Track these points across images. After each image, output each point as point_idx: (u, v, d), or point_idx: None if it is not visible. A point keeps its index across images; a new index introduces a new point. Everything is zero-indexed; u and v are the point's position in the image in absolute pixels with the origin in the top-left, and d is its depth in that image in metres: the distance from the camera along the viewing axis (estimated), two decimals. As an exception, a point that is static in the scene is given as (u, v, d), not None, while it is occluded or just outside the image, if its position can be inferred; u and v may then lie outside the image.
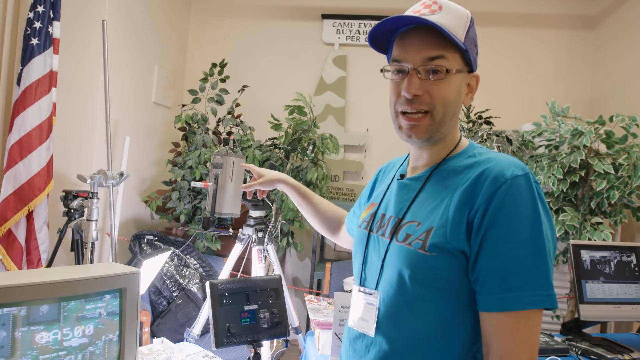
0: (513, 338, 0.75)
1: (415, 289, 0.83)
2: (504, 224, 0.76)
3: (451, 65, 0.84)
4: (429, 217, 0.85)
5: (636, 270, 1.83)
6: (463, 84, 0.88)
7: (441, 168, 0.90)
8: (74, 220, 1.90)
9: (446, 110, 0.86)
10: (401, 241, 0.87)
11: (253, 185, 1.36)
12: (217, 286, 1.16)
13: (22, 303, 0.89)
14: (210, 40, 3.80)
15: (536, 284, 0.75)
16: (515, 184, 0.78)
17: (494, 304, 0.77)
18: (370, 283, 0.94)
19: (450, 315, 0.82)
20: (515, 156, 1.93)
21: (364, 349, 0.91)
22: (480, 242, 0.78)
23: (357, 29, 3.60)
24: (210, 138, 2.98)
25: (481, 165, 0.83)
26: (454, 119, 0.89)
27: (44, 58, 2.35)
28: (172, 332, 2.45)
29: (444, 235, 0.81)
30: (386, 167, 1.14)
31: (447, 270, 0.81)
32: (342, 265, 2.79)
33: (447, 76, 0.84)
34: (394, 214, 0.93)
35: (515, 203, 0.77)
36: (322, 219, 1.36)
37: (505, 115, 3.10)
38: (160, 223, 3.31)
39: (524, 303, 0.75)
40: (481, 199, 0.78)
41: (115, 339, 1.03)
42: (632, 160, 2.32)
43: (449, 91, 0.85)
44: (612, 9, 3.22)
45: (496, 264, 0.76)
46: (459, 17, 0.85)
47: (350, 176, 3.63)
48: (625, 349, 1.69)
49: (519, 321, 0.75)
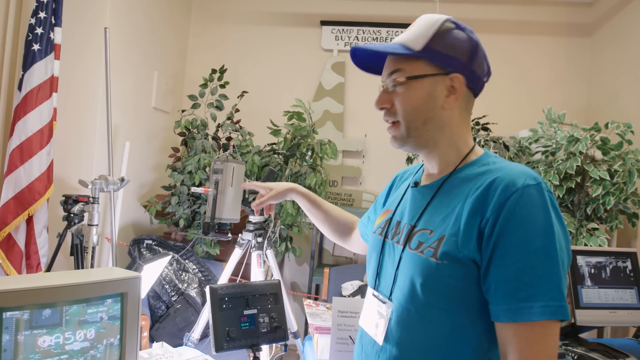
0: (530, 349, 0.74)
1: (426, 297, 0.84)
2: (515, 233, 0.76)
3: (412, 74, 0.87)
4: (441, 225, 0.85)
5: (631, 276, 1.85)
6: (437, 87, 0.88)
7: (454, 176, 0.90)
8: (74, 225, 1.91)
9: (415, 116, 0.88)
10: (414, 249, 0.87)
11: (265, 200, 1.34)
12: (217, 291, 1.18)
13: (25, 307, 0.91)
14: (210, 45, 3.83)
15: (548, 295, 0.74)
16: (527, 193, 0.77)
17: (506, 314, 0.76)
18: (384, 289, 0.94)
19: (461, 324, 0.82)
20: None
21: (375, 354, 0.92)
22: (491, 251, 0.78)
23: (356, 36, 3.63)
24: (210, 143, 2.99)
25: (493, 174, 0.83)
26: (432, 123, 0.89)
27: (45, 64, 2.36)
28: (171, 337, 2.45)
29: (456, 244, 0.81)
30: (403, 173, 1.14)
31: (458, 279, 0.81)
32: (341, 271, 2.80)
33: (407, 86, 0.88)
34: (407, 222, 0.93)
35: (526, 212, 0.76)
36: (333, 225, 1.35)
37: (502, 122, 3.12)
38: (159, 228, 3.31)
39: (535, 314, 0.74)
40: (492, 207, 0.78)
41: (117, 343, 1.04)
42: (627, 166, 2.34)
43: (413, 98, 0.88)
44: (608, 17, 3.26)
45: (507, 274, 0.76)
46: (423, 26, 0.88)
47: (349, 181, 3.65)
48: (621, 354, 1.70)
49: (535, 331, 0.74)
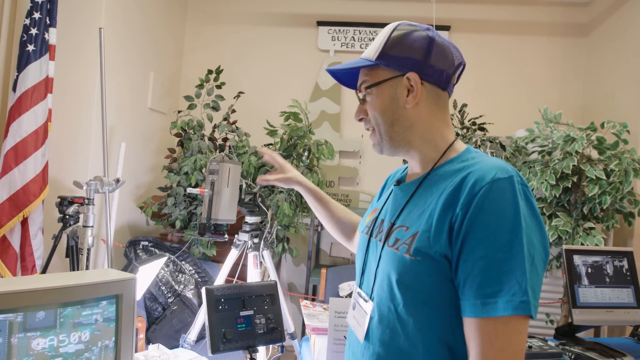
0: (491, 345, 0.73)
1: (402, 293, 0.84)
2: (482, 227, 0.75)
3: (373, 82, 0.92)
4: (416, 221, 0.86)
5: (628, 275, 1.85)
6: (397, 89, 0.90)
7: (433, 173, 0.90)
8: (69, 227, 1.89)
9: (383, 119, 0.92)
10: (391, 246, 0.88)
11: (271, 180, 1.32)
12: (213, 292, 1.17)
13: (19, 309, 0.90)
14: (206, 46, 3.82)
15: (511, 290, 0.73)
16: (496, 187, 0.77)
17: (471, 309, 0.76)
18: (366, 287, 0.95)
19: (438, 320, 0.82)
20: (508, 162, 1.95)
21: (360, 352, 0.93)
22: (460, 246, 0.77)
23: (352, 36, 3.63)
24: (206, 144, 2.98)
25: (467, 169, 0.83)
26: (400, 124, 0.91)
27: (39, 64, 2.35)
28: (168, 339, 2.44)
29: (427, 240, 0.81)
30: (394, 174, 1.15)
31: (431, 275, 0.81)
32: (338, 271, 2.79)
33: (369, 94, 0.93)
34: (388, 219, 0.95)
35: (494, 206, 0.76)
36: (338, 225, 1.34)
37: (498, 122, 3.13)
38: (155, 229, 3.30)
39: (498, 309, 0.73)
40: (462, 202, 0.78)
41: (112, 345, 1.03)
42: (623, 166, 2.34)
43: (378, 103, 0.92)
44: (604, 17, 3.27)
45: (474, 269, 0.75)
46: (380, 36, 0.93)
47: (346, 182, 3.65)
48: (618, 352, 1.70)
49: (497, 328, 0.73)
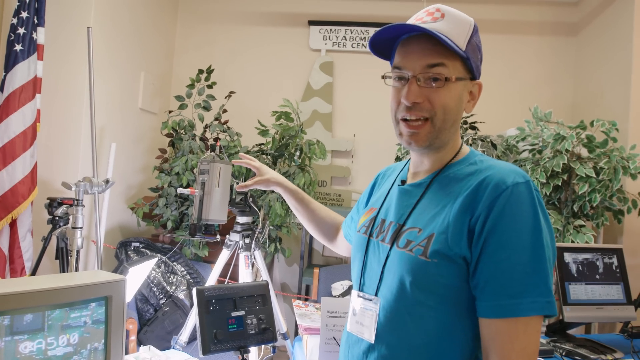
0: (512, 345, 0.75)
1: (415, 295, 0.83)
2: (504, 230, 0.77)
3: (451, 73, 0.84)
4: (430, 223, 0.85)
5: (618, 272, 1.87)
6: (464, 91, 0.88)
7: (443, 175, 0.90)
8: (58, 228, 1.88)
9: (446, 117, 0.86)
10: (402, 247, 0.87)
11: (250, 185, 1.32)
12: (204, 292, 1.16)
13: (5, 312, 0.88)
14: (197, 46, 3.80)
15: (536, 291, 0.75)
16: (516, 191, 0.78)
17: (493, 310, 0.77)
18: (369, 289, 0.93)
19: (451, 322, 0.82)
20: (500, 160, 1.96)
21: (362, 354, 0.91)
22: (481, 248, 0.78)
23: (344, 35, 3.62)
24: (197, 144, 2.97)
25: (482, 173, 0.84)
26: (455, 126, 0.89)
27: (27, 64, 2.32)
28: (160, 340, 2.43)
29: (445, 242, 0.81)
30: (385, 171, 1.13)
31: (448, 277, 0.81)
32: (330, 271, 2.79)
33: (446, 84, 0.84)
34: (394, 220, 0.92)
35: (516, 210, 0.77)
36: (320, 225, 1.33)
37: (489, 120, 3.14)
38: (146, 230, 3.28)
39: (523, 310, 0.75)
40: (482, 205, 0.79)
41: (101, 348, 1.02)
42: (612, 164, 2.37)
43: (449, 98, 0.85)
44: (593, 16, 3.30)
45: (496, 271, 0.77)
46: (461, 24, 0.85)
47: (338, 181, 3.64)
48: (609, 349, 1.72)
49: (518, 328, 0.75)
